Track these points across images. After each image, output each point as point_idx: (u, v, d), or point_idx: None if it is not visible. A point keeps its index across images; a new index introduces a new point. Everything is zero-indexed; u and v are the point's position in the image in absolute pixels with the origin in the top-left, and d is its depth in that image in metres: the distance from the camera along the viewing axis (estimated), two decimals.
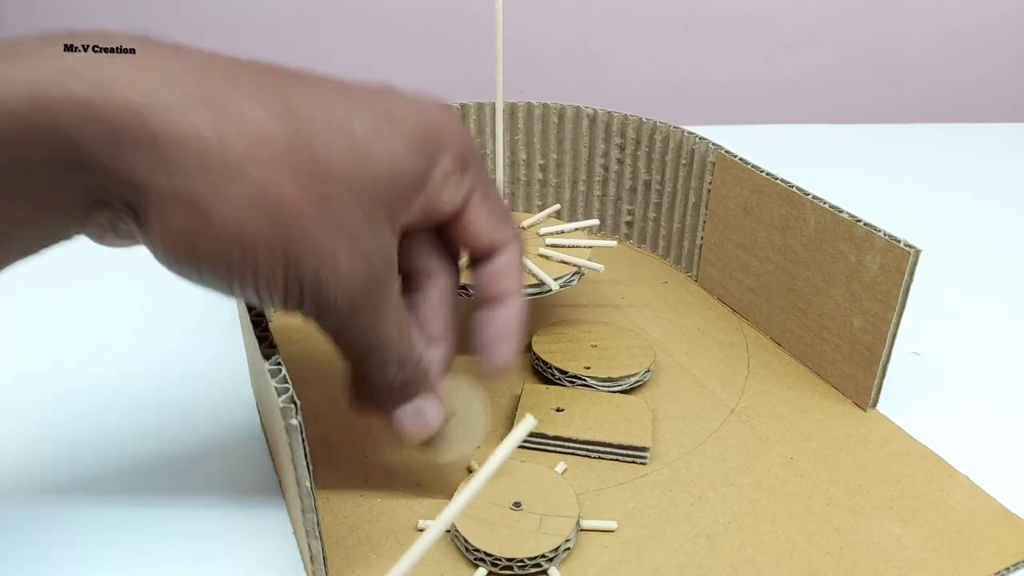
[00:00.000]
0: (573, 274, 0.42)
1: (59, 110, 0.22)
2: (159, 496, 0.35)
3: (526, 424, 0.26)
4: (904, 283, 0.37)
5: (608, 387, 0.40)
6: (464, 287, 0.38)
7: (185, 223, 0.23)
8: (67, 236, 0.26)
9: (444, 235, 0.31)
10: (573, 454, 0.37)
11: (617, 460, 0.36)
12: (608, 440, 0.36)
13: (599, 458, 0.37)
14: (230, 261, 0.24)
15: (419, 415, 0.30)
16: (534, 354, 0.41)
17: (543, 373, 0.41)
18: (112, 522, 0.33)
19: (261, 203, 0.24)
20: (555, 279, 0.41)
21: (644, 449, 0.36)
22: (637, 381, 0.41)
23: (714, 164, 0.47)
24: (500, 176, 0.45)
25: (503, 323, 0.32)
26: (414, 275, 0.31)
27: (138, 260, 0.31)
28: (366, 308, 0.27)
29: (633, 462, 0.36)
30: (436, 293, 0.32)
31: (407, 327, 0.29)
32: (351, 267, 0.26)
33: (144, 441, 0.38)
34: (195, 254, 0.24)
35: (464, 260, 0.33)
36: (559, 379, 0.40)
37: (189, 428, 0.39)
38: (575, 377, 0.40)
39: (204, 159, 0.23)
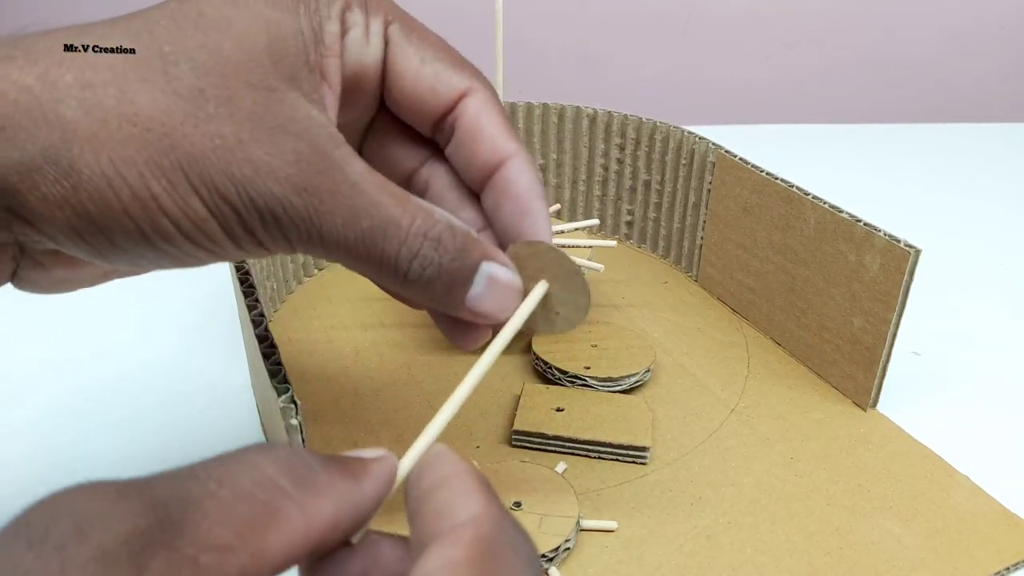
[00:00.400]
0: None
1: None
2: None
3: (540, 288, 0.25)
4: (904, 283, 0.37)
5: (608, 387, 0.40)
6: None
7: (59, 188, 0.20)
8: None
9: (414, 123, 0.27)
10: (573, 454, 0.37)
11: (617, 460, 0.36)
12: (608, 440, 0.36)
13: (599, 458, 0.37)
14: (126, 207, 0.21)
15: (493, 282, 0.24)
16: (534, 354, 0.41)
17: (543, 373, 0.41)
18: None
19: (121, 126, 0.20)
20: None
21: (644, 449, 0.36)
22: (637, 381, 0.41)
23: (714, 164, 0.47)
24: None
25: (511, 190, 0.26)
26: (414, 181, 0.28)
27: None
28: (326, 187, 0.22)
29: (633, 462, 0.36)
30: (441, 179, 0.27)
31: (404, 193, 0.24)
32: (268, 149, 0.21)
33: (143, 441, 0.38)
34: (89, 217, 0.21)
35: None
36: (559, 379, 0.40)
37: (189, 428, 0.39)
38: (575, 377, 0.40)
39: (37, 109, 0.20)
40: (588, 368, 0.40)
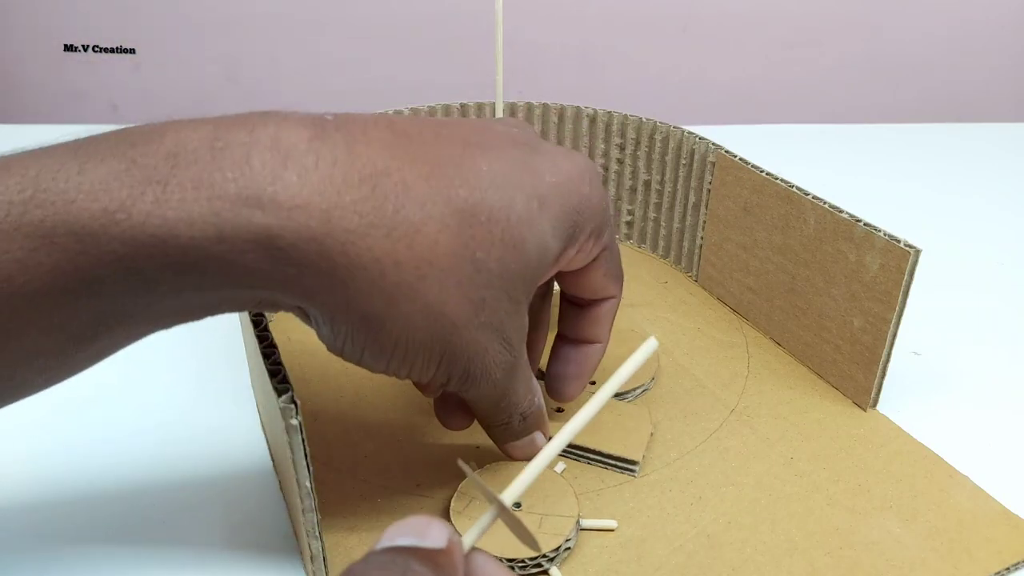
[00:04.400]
0: None
1: (241, 246, 0.23)
2: (159, 494, 0.35)
3: (649, 345, 0.27)
4: (904, 283, 0.37)
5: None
6: None
7: (357, 334, 0.26)
8: None
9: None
10: (571, 456, 0.37)
11: (605, 468, 0.36)
12: (597, 448, 0.36)
13: (588, 463, 0.36)
14: (391, 358, 0.27)
15: (531, 445, 0.33)
16: None
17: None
18: (112, 519, 0.33)
19: (429, 319, 0.26)
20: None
21: (633, 462, 0.35)
22: (645, 389, 0.40)
23: (714, 164, 0.47)
24: None
25: (586, 363, 0.35)
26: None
27: None
28: (503, 384, 0.29)
29: (621, 472, 0.36)
30: (539, 339, 0.36)
31: (532, 382, 0.31)
32: (497, 357, 0.28)
33: (143, 441, 0.38)
34: (360, 352, 0.27)
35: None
36: None
37: (189, 428, 0.39)
38: None
39: (380, 281, 0.25)
40: None
